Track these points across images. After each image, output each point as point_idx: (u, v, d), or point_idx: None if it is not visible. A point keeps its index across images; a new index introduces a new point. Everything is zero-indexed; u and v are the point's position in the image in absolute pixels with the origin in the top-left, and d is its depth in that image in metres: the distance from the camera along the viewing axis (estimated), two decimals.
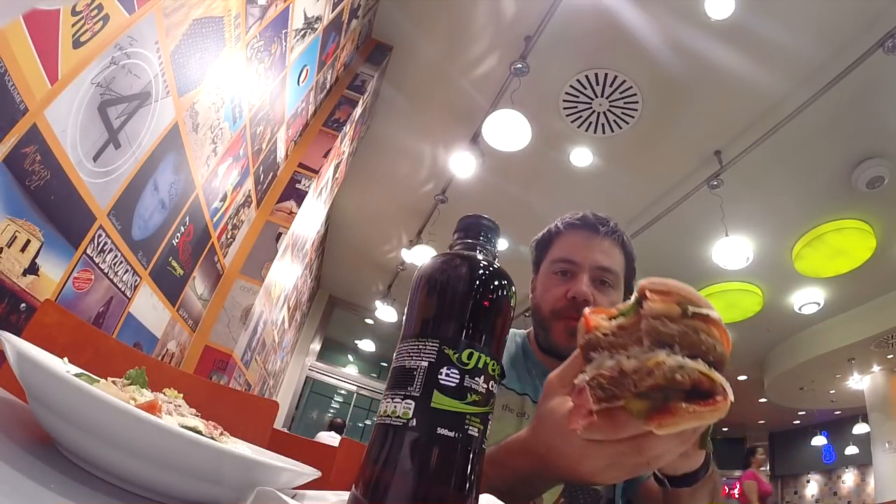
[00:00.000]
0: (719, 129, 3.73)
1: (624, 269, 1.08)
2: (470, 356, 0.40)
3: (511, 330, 1.09)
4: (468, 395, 0.39)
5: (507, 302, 0.44)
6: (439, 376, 0.39)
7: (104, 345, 0.99)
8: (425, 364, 0.39)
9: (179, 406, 0.44)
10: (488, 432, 0.40)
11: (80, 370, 0.44)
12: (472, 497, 0.39)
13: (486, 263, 0.44)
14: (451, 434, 0.38)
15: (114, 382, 0.42)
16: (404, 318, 0.45)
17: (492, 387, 0.40)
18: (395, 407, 0.39)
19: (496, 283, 0.44)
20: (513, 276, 0.46)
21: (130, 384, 0.43)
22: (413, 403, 0.38)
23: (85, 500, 0.31)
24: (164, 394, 0.46)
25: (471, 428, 0.38)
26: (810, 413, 8.73)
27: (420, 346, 0.41)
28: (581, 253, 1.04)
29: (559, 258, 1.06)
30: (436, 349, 0.40)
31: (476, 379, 0.39)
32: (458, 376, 0.39)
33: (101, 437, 0.33)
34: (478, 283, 0.43)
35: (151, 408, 0.38)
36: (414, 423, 0.38)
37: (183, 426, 0.38)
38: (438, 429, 0.38)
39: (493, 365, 0.41)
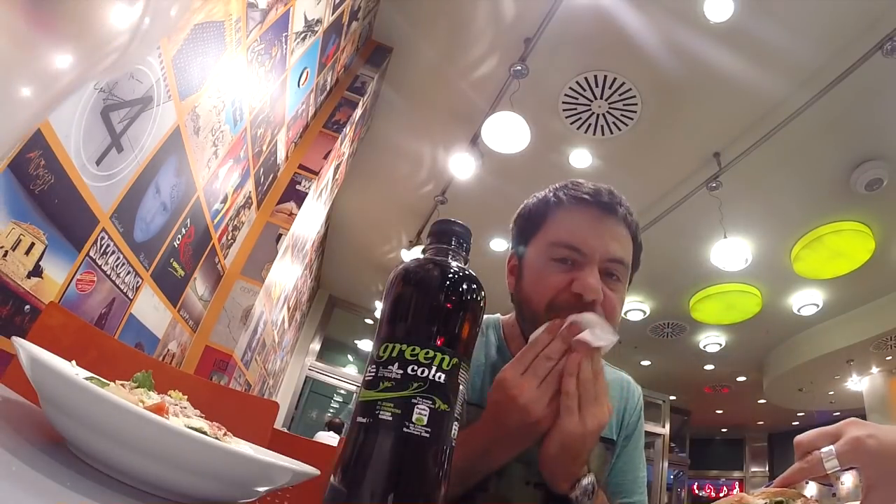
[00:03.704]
0: (718, 130, 3.74)
1: (632, 260, 0.90)
2: (385, 349, 0.44)
3: (486, 318, 0.97)
4: (381, 383, 0.43)
5: (410, 290, 0.47)
6: (366, 376, 0.44)
7: (107, 346, 1.01)
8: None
9: (185, 408, 0.45)
10: (413, 416, 0.42)
11: (90, 374, 0.46)
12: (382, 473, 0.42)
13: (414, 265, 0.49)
14: (364, 420, 0.42)
15: (122, 385, 0.44)
16: None
17: (412, 371, 0.42)
18: None
19: (393, 278, 0.49)
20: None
21: (137, 387, 0.45)
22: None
23: (97, 498, 0.33)
24: (169, 396, 0.47)
25: (382, 412, 0.41)
26: (809, 414, 8.75)
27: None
28: (591, 240, 0.83)
29: (561, 242, 0.84)
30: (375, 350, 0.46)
31: (390, 367, 0.43)
32: (374, 369, 0.44)
33: (112, 438, 0.35)
34: (390, 284, 0.49)
35: (159, 410, 0.39)
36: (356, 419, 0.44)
37: (189, 427, 0.39)
38: (357, 418, 0.43)
39: (413, 350, 0.43)
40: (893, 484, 0.57)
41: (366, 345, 9.23)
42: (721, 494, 0.66)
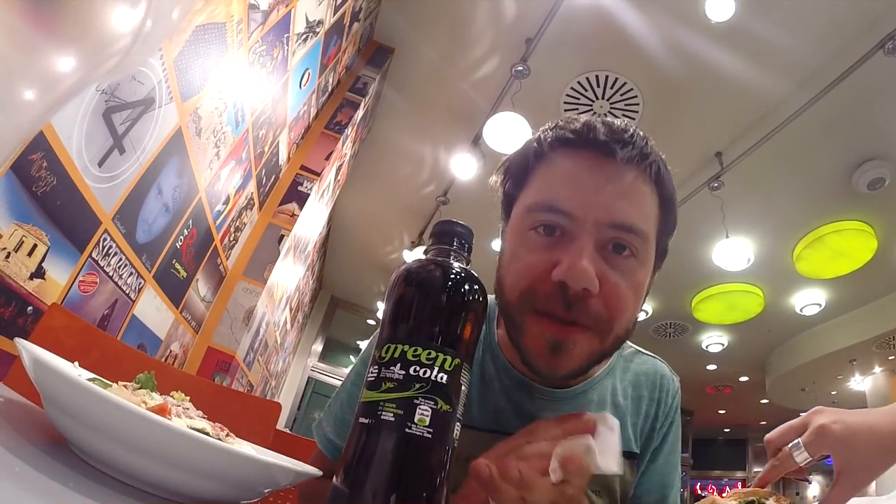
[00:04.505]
0: (720, 130, 3.74)
1: (658, 222, 0.63)
2: (387, 350, 0.44)
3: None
4: (383, 384, 0.42)
5: (412, 291, 0.47)
6: (369, 377, 0.44)
7: (110, 347, 1.01)
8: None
9: (188, 409, 0.45)
10: (415, 417, 0.41)
11: (92, 375, 0.46)
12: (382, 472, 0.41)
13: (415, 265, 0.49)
14: (366, 421, 0.42)
15: (125, 386, 0.44)
16: None
17: (414, 371, 0.42)
18: None
19: (395, 279, 0.48)
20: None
21: (140, 388, 0.45)
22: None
23: (99, 498, 0.33)
24: (172, 397, 0.47)
25: (384, 413, 0.41)
26: None
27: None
28: (581, 198, 0.59)
29: (539, 204, 0.61)
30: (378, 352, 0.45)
31: (392, 368, 0.43)
32: (376, 370, 0.43)
33: (114, 439, 0.35)
34: (392, 285, 0.48)
35: (162, 411, 0.39)
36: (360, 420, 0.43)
37: (191, 428, 0.40)
38: (359, 419, 0.42)
39: (415, 351, 0.43)
40: (863, 466, 0.57)
41: None
42: (723, 495, 0.65)
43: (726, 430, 11.43)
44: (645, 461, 0.76)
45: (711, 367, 7.60)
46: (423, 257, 0.50)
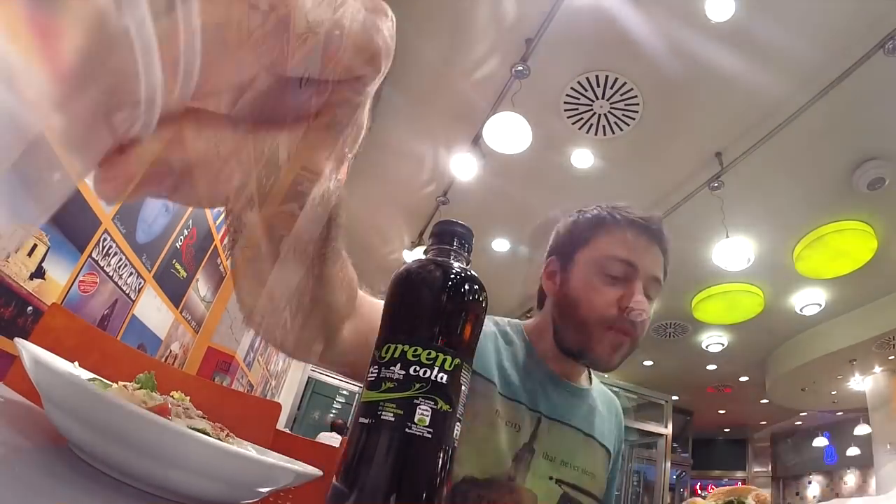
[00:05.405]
0: (720, 130, 3.74)
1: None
2: (387, 350, 0.43)
3: (494, 319, 1.04)
4: (383, 384, 0.42)
5: (412, 291, 0.47)
6: (369, 377, 0.44)
7: (110, 348, 1.01)
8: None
9: (188, 409, 0.45)
10: (415, 417, 0.42)
11: (92, 375, 0.46)
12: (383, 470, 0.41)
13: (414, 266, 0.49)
14: (366, 421, 0.42)
15: (125, 386, 0.44)
16: None
17: (414, 371, 0.42)
18: None
19: (395, 279, 0.48)
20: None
21: (140, 388, 0.45)
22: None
23: (99, 499, 0.33)
24: (172, 397, 0.47)
25: (384, 413, 0.41)
26: (812, 414, 8.74)
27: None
28: (643, 258, 0.94)
29: (619, 257, 0.93)
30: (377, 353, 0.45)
31: (392, 368, 0.42)
32: (376, 370, 0.43)
33: (114, 439, 0.35)
34: (392, 285, 0.48)
35: (162, 411, 0.39)
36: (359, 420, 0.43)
37: (191, 428, 0.40)
38: (360, 419, 0.42)
39: (415, 351, 0.43)
40: None
41: None
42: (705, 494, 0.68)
43: (726, 430, 11.44)
44: (616, 460, 1.07)
45: (711, 366, 7.60)
46: (423, 257, 0.50)
